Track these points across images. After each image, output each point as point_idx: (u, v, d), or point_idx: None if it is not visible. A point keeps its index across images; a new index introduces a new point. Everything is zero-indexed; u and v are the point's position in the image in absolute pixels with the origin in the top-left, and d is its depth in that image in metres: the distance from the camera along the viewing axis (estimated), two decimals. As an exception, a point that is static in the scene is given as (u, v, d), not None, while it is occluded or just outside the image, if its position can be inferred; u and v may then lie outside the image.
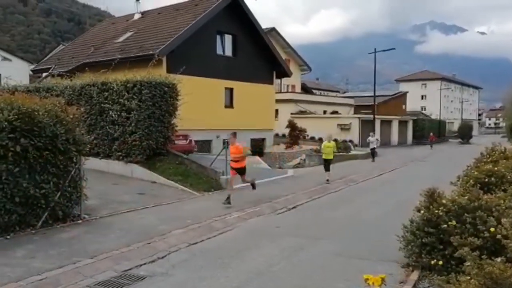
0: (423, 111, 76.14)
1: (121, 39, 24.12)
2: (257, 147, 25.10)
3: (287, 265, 6.67)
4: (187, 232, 8.37)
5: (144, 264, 6.59)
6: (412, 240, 6.30)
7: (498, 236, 5.40)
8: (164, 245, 7.47)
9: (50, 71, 24.81)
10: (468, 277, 3.88)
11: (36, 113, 7.55)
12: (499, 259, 4.04)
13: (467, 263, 4.12)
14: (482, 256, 4.24)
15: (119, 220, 8.97)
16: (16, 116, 7.21)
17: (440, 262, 5.68)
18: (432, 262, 5.80)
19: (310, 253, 7.36)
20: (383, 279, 2.58)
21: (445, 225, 5.90)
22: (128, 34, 24.49)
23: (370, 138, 26.86)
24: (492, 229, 5.57)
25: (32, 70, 32.75)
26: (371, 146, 26.39)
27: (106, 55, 22.00)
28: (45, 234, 7.62)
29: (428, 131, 50.85)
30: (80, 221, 8.56)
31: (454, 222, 5.88)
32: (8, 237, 7.25)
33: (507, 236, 4.52)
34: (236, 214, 10.06)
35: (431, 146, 40.92)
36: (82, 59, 22.99)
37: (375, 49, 32.79)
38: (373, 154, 26.35)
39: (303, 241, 7.99)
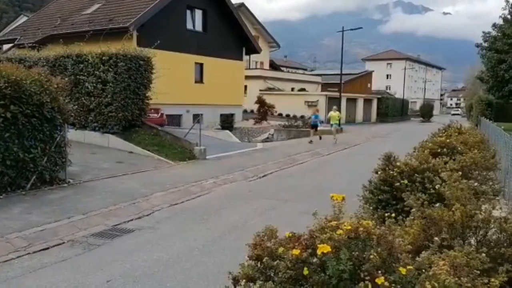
0: (388, 90, 78.32)
1: (89, 10, 23.88)
2: (227, 122, 25.71)
3: (260, 221, 7.44)
4: (167, 195, 9.04)
5: (131, 220, 7.27)
6: (370, 198, 7.21)
7: (441, 190, 6.39)
8: (147, 205, 8.14)
9: (16, 42, 24.43)
10: (412, 218, 4.77)
11: (24, 82, 7.94)
12: (437, 204, 4.93)
13: (413, 210, 5.00)
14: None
15: (102, 184, 9.52)
16: (6, 84, 7.60)
17: (393, 215, 6.61)
18: (386, 214, 6.72)
19: (280, 211, 8.20)
20: (343, 198, 3.41)
21: (398, 184, 6.83)
22: (96, 6, 24.24)
23: None
24: (437, 186, 6.55)
25: (-5, 41, 31.84)
26: None
27: (74, 27, 21.87)
28: (35, 195, 8.14)
29: (391, 110, 52.43)
30: (65, 185, 9.08)
31: (406, 181, 6.80)
32: (0, 197, 7.73)
33: (444, 186, 5.43)
34: (212, 180, 10.79)
35: (311, 141, 21.13)
36: (49, 31, 22.73)
37: (343, 27, 33.53)
38: None
39: (273, 203, 8.83)
